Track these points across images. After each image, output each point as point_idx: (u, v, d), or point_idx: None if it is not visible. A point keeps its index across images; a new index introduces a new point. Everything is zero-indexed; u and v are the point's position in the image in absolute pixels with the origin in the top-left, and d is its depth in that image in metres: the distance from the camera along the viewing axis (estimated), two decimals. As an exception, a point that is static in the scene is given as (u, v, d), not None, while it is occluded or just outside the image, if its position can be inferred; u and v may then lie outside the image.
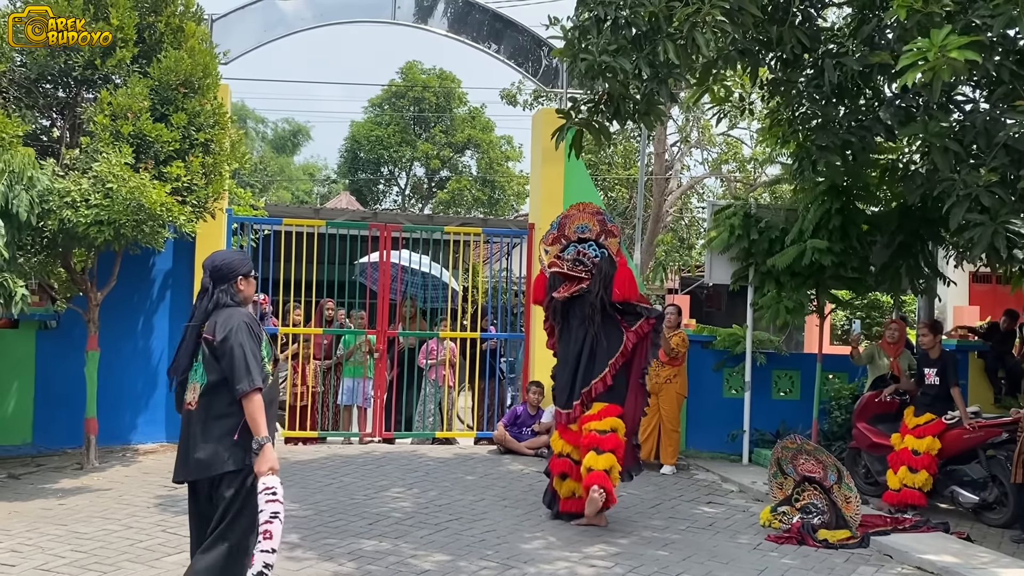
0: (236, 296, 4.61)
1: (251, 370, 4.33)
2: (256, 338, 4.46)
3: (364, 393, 11.10)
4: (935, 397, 8.54)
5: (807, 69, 8.73)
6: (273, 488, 4.29)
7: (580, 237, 7.69)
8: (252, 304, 10.92)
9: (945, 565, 6.62)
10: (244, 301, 4.68)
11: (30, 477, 8.72)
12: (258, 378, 4.34)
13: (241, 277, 4.65)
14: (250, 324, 4.48)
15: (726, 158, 22.39)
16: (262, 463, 4.31)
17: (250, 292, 4.73)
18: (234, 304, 4.57)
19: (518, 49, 12.09)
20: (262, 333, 4.53)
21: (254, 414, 4.32)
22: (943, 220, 8.60)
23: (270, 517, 4.25)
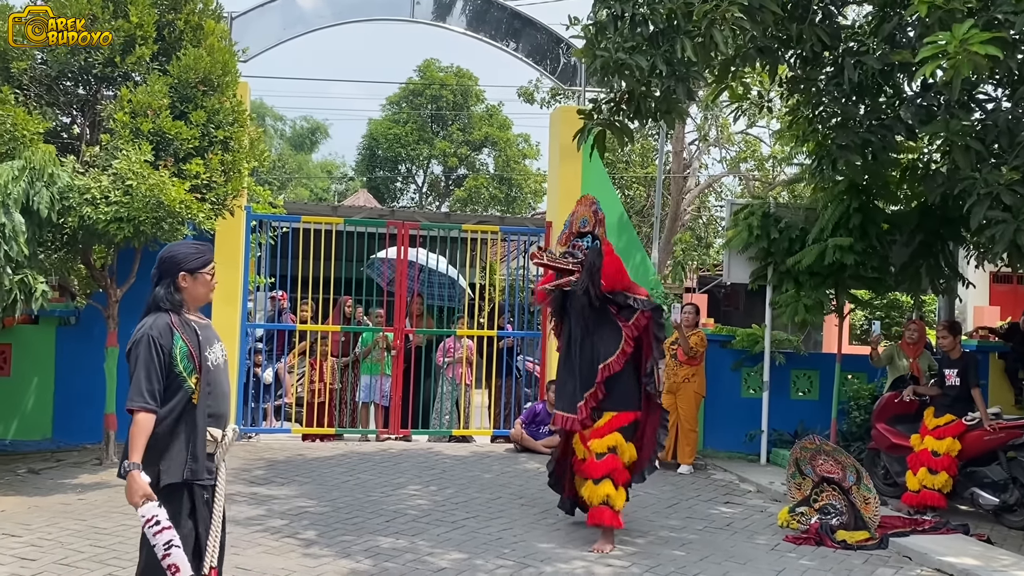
0: (174, 295, 4.17)
1: (135, 388, 3.99)
2: (158, 353, 4.04)
3: (381, 390, 11.13)
4: (955, 398, 8.47)
5: (827, 67, 8.68)
6: (154, 516, 3.91)
7: (580, 231, 7.39)
8: (271, 300, 11.08)
9: (965, 567, 6.57)
10: (189, 301, 4.23)
11: (50, 472, 8.77)
12: (140, 399, 3.97)
13: (184, 273, 4.18)
14: (156, 338, 4.05)
15: (744, 156, 22.27)
16: (130, 492, 3.93)
17: (197, 292, 4.24)
18: (168, 304, 4.15)
19: (536, 47, 12.08)
20: (174, 347, 4.07)
21: (132, 435, 3.96)
22: (964, 219, 8.54)
23: (166, 549, 3.90)
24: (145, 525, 3.95)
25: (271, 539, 6.64)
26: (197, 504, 4.18)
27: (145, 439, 3.99)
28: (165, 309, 4.16)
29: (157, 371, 4.05)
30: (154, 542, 3.93)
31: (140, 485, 3.93)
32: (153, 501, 3.95)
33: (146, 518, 3.93)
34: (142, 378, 4.02)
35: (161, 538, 3.92)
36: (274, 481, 8.55)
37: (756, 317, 14.44)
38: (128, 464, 3.96)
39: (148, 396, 4.01)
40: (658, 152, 20.89)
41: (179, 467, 4.11)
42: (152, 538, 3.93)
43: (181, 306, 4.21)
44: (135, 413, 4.00)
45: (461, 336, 11.35)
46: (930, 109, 8.06)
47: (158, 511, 3.94)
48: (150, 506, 3.95)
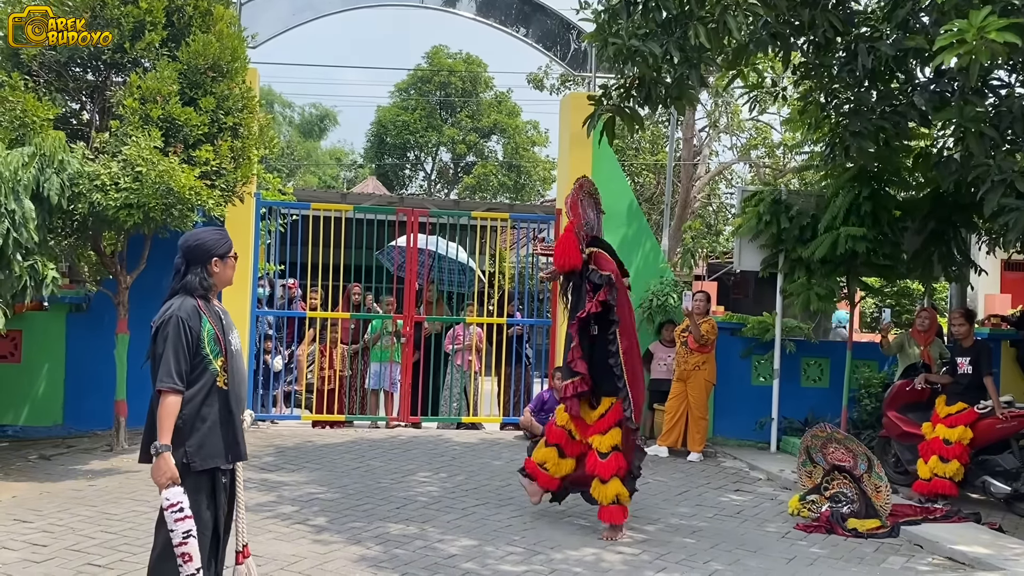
0: (207, 280, 4.28)
1: (164, 369, 4.05)
2: (187, 335, 4.11)
3: (391, 378, 11.13)
4: (967, 386, 8.42)
5: (840, 53, 8.60)
6: (179, 503, 3.99)
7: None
8: (281, 288, 11.08)
9: (976, 556, 6.55)
10: (219, 285, 4.36)
11: (60, 458, 8.80)
12: (170, 379, 4.03)
13: (216, 258, 4.31)
14: (184, 319, 4.13)
15: (755, 143, 22.18)
16: (157, 473, 4.01)
17: (226, 276, 4.39)
18: (202, 290, 4.26)
19: (547, 33, 12.01)
20: (202, 329, 4.16)
21: (161, 416, 4.03)
22: (976, 206, 8.49)
23: (183, 538, 3.98)
24: (168, 509, 4.00)
25: (282, 525, 6.65)
26: (217, 489, 4.25)
27: (173, 420, 4.06)
28: (195, 295, 4.24)
29: (185, 353, 4.12)
30: (173, 528, 3.99)
31: (170, 467, 4.01)
32: (179, 486, 4.02)
33: (171, 502, 4.00)
34: (171, 359, 4.08)
35: (181, 526, 3.98)
36: (284, 467, 8.56)
37: (765, 304, 14.40)
38: (159, 445, 4.02)
39: (176, 377, 4.08)
40: (668, 139, 20.80)
41: (210, 452, 4.17)
42: (172, 524, 3.99)
43: (211, 290, 4.32)
44: (164, 394, 4.05)
45: (470, 323, 11.33)
46: (944, 95, 7.98)
47: (183, 498, 4.01)
48: (176, 491, 4.01)
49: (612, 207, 11.58)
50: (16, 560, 5.68)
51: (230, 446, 4.22)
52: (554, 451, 7.18)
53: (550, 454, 7.18)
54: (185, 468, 4.09)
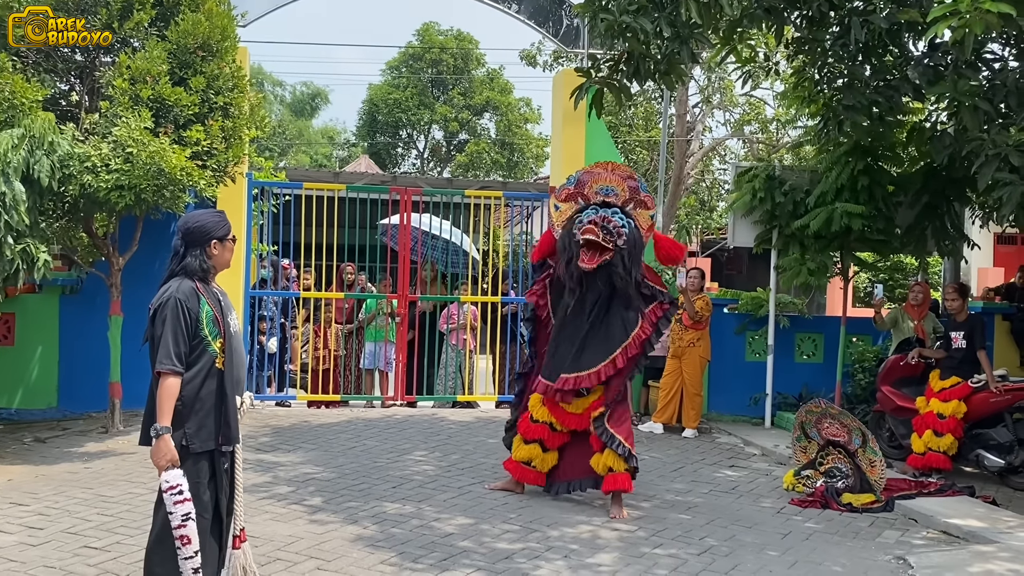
0: (206, 262, 4.26)
1: (163, 351, 4.04)
2: (186, 317, 4.11)
3: (386, 357, 11.13)
4: (961, 360, 8.45)
5: (833, 27, 8.57)
6: (178, 486, 3.99)
7: (604, 200, 6.94)
8: (274, 269, 11.04)
9: (971, 529, 6.59)
10: (217, 267, 4.34)
11: (56, 441, 8.79)
12: (169, 361, 4.03)
13: (215, 241, 4.29)
14: (183, 301, 4.12)
15: (748, 119, 22.14)
16: (157, 455, 4.01)
17: (225, 258, 4.37)
18: (201, 272, 4.24)
19: (539, 9, 11.95)
20: (200, 311, 4.16)
21: (160, 398, 4.03)
22: (969, 180, 8.48)
23: (182, 520, 3.98)
24: (167, 491, 4.00)
25: (278, 506, 6.66)
26: (217, 471, 4.26)
27: (173, 402, 4.06)
28: (194, 277, 4.23)
29: (184, 334, 4.12)
30: (172, 511, 4.00)
31: (170, 449, 4.01)
32: (179, 468, 4.03)
33: (170, 484, 4.00)
34: (169, 341, 4.07)
35: (180, 508, 3.99)
36: (280, 448, 8.56)
37: (759, 280, 14.41)
38: (158, 428, 4.02)
39: (176, 359, 4.07)
40: (661, 115, 20.74)
41: (210, 434, 4.18)
42: (171, 506, 3.99)
43: (210, 272, 4.31)
44: (163, 376, 4.05)
45: (464, 302, 11.32)
46: (937, 69, 7.96)
47: (182, 480, 4.02)
48: (176, 473, 4.02)
49: (606, 184, 11.58)
50: (13, 543, 5.68)
51: (220, 428, 4.21)
52: (537, 447, 7.16)
53: (534, 451, 7.17)
54: (184, 450, 4.09)
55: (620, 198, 7.00)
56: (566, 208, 7.11)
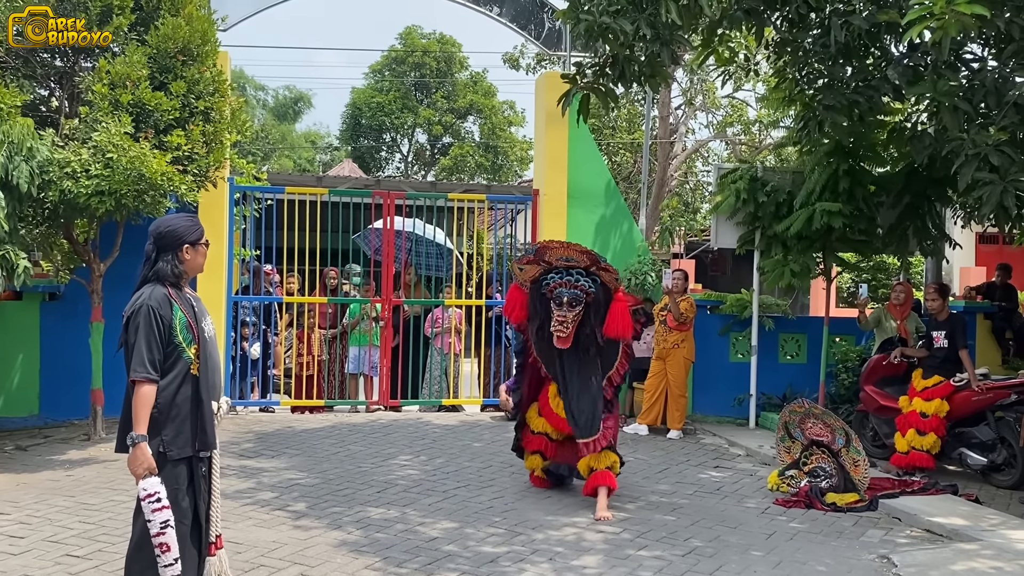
0: (178, 267, 4.22)
1: (136, 359, 4.01)
2: (159, 323, 4.07)
3: (370, 361, 11.10)
4: (943, 359, 8.51)
5: (813, 29, 8.59)
6: (156, 493, 3.97)
7: (567, 265, 7.11)
8: (256, 275, 10.98)
9: (954, 527, 6.61)
10: (189, 272, 4.30)
11: (37, 449, 8.73)
12: (143, 369, 4.00)
13: (187, 245, 4.25)
14: (155, 308, 4.09)
15: (731, 121, 22.19)
16: (134, 464, 3.98)
17: (197, 263, 4.33)
18: (173, 277, 4.20)
19: (521, 11, 11.95)
20: (173, 317, 4.13)
21: (136, 406, 4.00)
22: (950, 180, 8.52)
23: (161, 528, 3.96)
24: (145, 499, 3.98)
25: (261, 512, 6.63)
26: (196, 477, 4.24)
27: (148, 410, 4.04)
28: (167, 283, 4.20)
29: (157, 341, 4.09)
30: (150, 518, 3.98)
31: (147, 457, 3.99)
32: (156, 476, 4.01)
33: (147, 492, 3.98)
34: (143, 348, 4.05)
35: (159, 516, 3.97)
36: (264, 454, 8.52)
37: (743, 281, 14.43)
38: (134, 436, 4.00)
39: (150, 366, 4.05)
40: (644, 118, 20.78)
41: (187, 440, 4.16)
42: (150, 514, 3.97)
43: (182, 278, 4.27)
44: (138, 384, 4.03)
45: (449, 306, 11.30)
46: (917, 69, 7.99)
47: (160, 488, 4.00)
48: (153, 481, 4.00)
49: (589, 187, 11.63)
50: (-7, 553, 5.64)
51: (197, 434, 4.19)
52: (538, 457, 7.49)
53: (536, 461, 7.52)
54: (162, 457, 4.07)
55: (582, 263, 7.13)
56: (530, 270, 7.22)
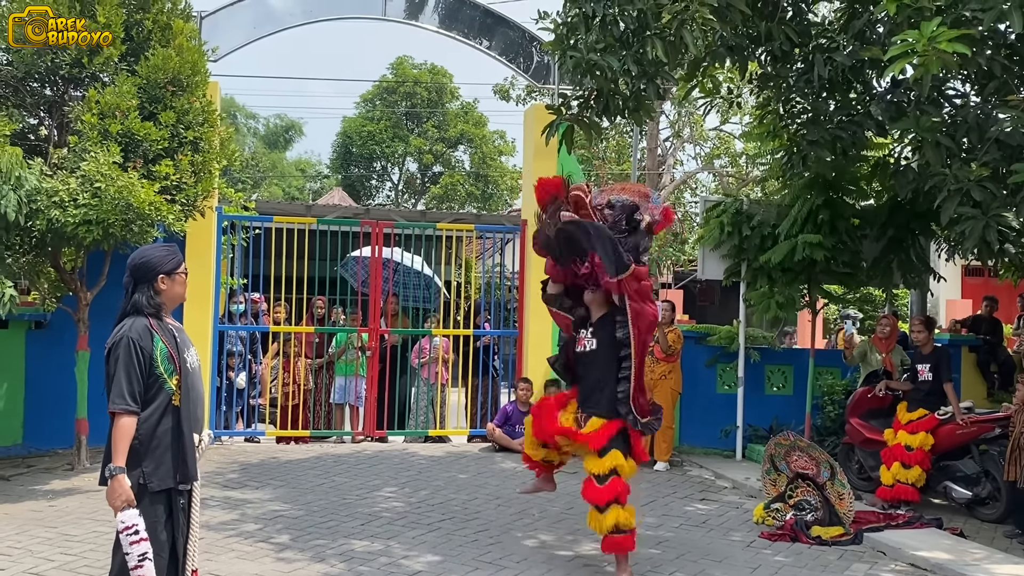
0: (154, 299, 4.19)
1: (116, 391, 4.01)
2: (139, 355, 4.06)
3: (356, 391, 11.07)
4: (928, 393, 8.54)
5: (797, 64, 8.70)
6: (134, 526, 3.94)
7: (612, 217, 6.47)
8: (243, 302, 10.98)
9: (939, 562, 6.61)
10: (168, 303, 4.27)
11: (20, 478, 8.67)
12: (122, 401, 4.00)
13: (163, 276, 4.21)
14: (135, 340, 4.07)
15: (718, 153, 22.37)
16: (112, 496, 3.96)
17: (175, 292, 4.29)
18: (150, 308, 4.17)
19: (510, 45, 12.04)
20: (154, 349, 4.10)
21: (115, 438, 3.99)
22: (934, 214, 8.57)
23: (139, 560, 3.93)
24: (123, 532, 3.96)
25: (244, 544, 6.59)
26: (174, 510, 4.21)
27: (128, 442, 4.02)
28: (145, 314, 4.18)
29: (137, 373, 4.08)
30: (128, 551, 3.95)
31: (124, 490, 3.97)
32: (134, 508, 3.99)
33: (125, 524, 3.96)
34: (123, 380, 4.04)
35: (136, 549, 3.94)
36: (248, 485, 8.48)
37: (731, 312, 14.50)
38: (112, 468, 3.98)
39: (129, 398, 4.04)
40: (633, 149, 20.92)
41: (168, 472, 4.14)
42: (128, 547, 3.95)
43: (161, 308, 4.25)
44: (117, 416, 4.02)
45: (435, 336, 11.31)
46: (900, 105, 8.10)
47: (138, 520, 3.97)
48: (131, 513, 3.97)
49: (576, 218, 11.63)
50: (-28, 585, 5.59)
51: (178, 466, 4.17)
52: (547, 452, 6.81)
53: (542, 452, 6.84)
54: (142, 489, 4.06)
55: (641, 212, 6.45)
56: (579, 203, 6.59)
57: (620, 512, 6.10)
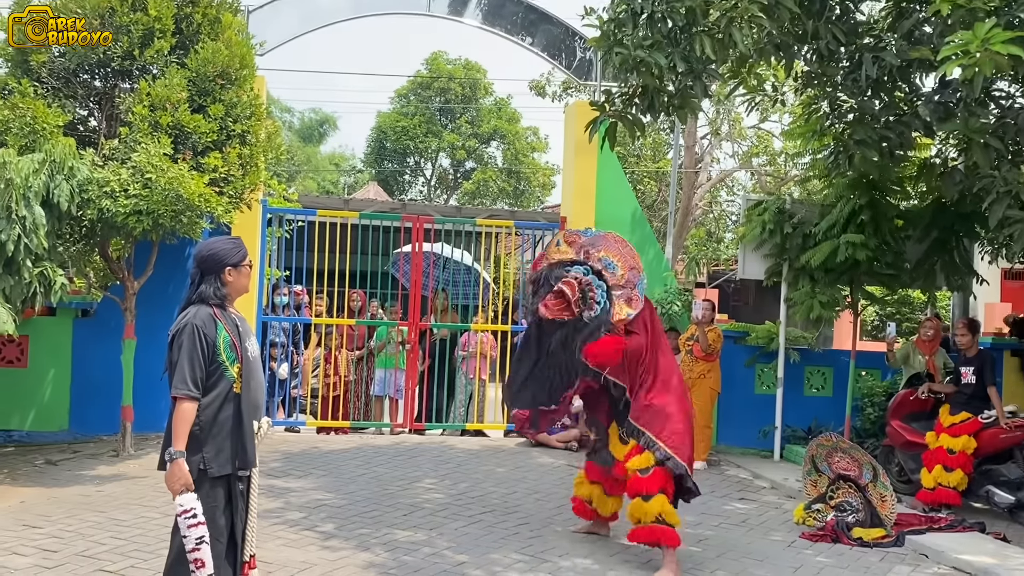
0: (221, 290, 4.31)
1: (179, 376, 4.11)
2: (202, 343, 4.17)
3: (396, 384, 11.16)
4: (971, 396, 8.48)
5: (843, 63, 8.66)
6: (191, 509, 4.03)
7: (601, 271, 6.49)
8: (287, 294, 11.09)
9: (983, 565, 6.58)
10: (233, 294, 4.39)
11: (67, 463, 8.82)
12: (184, 387, 4.10)
13: (230, 268, 4.34)
14: (200, 327, 4.18)
15: (756, 151, 22.26)
16: (171, 479, 4.06)
17: (241, 284, 4.41)
18: (216, 299, 4.29)
19: (552, 41, 12.07)
20: (217, 337, 4.22)
21: (175, 422, 4.09)
22: (979, 215, 8.54)
23: (196, 544, 4.02)
24: (181, 515, 4.04)
25: (290, 532, 6.68)
26: (234, 495, 4.29)
27: (188, 427, 4.11)
28: (212, 304, 4.28)
29: (200, 360, 4.18)
30: (186, 534, 4.04)
31: (184, 474, 4.06)
32: (192, 492, 4.07)
33: (184, 508, 4.04)
34: (185, 366, 4.14)
35: (194, 532, 4.02)
36: (291, 474, 8.58)
37: (765, 312, 14.43)
38: (172, 451, 4.07)
39: (192, 384, 4.13)
40: (670, 147, 20.88)
41: (227, 458, 4.23)
42: (185, 530, 4.04)
43: (226, 299, 4.36)
44: (179, 401, 4.12)
45: (477, 331, 11.37)
46: (947, 106, 8.04)
47: (195, 504, 4.05)
48: (189, 497, 4.06)
49: (616, 215, 11.69)
50: (28, 566, 5.70)
51: (238, 452, 4.26)
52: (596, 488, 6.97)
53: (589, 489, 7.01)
54: (202, 474, 4.14)
55: (615, 279, 6.49)
56: (565, 250, 6.66)
57: (666, 503, 6.15)
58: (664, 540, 6.12)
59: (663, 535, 6.11)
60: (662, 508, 6.13)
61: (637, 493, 6.22)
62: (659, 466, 6.20)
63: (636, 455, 6.29)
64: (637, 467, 6.26)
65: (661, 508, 6.13)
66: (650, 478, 6.18)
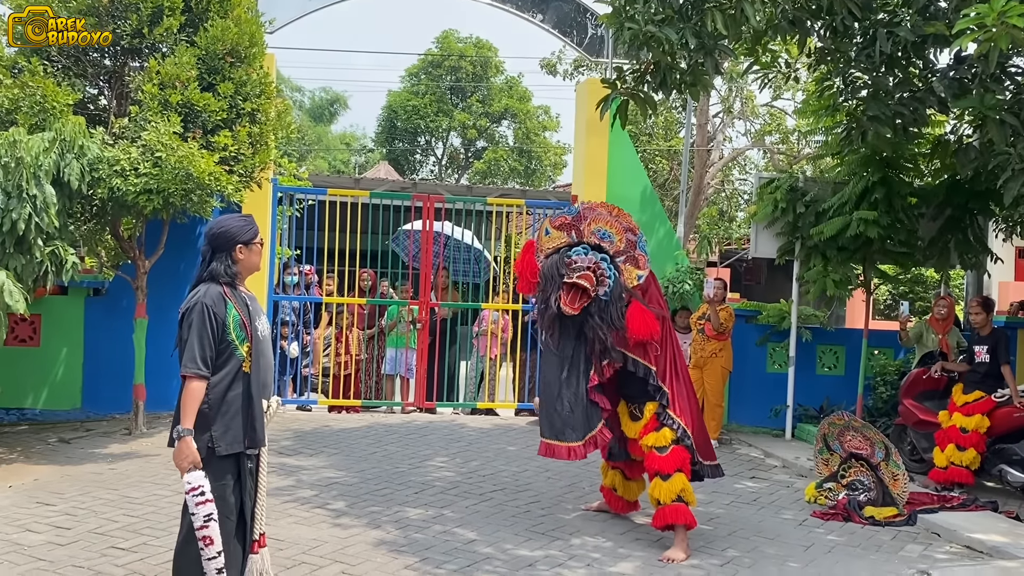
0: (232, 267, 4.30)
1: (188, 355, 4.10)
2: (212, 321, 4.15)
3: (406, 363, 11.18)
4: (985, 375, 8.42)
5: (857, 38, 8.56)
6: (200, 487, 4.04)
7: (599, 243, 6.32)
8: (297, 274, 11.11)
9: (995, 544, 6.56)
10: (244, 272, 4.38)
11: (80, 442, 8.86)
12: (194, 365, 4.09)
13: (241, 245, 4.32)
14: (210, 306, 4.17)
15: (769, 129, 22.12)
16: (179, 457, 4.06)
17: (251, 261, 4.40)
18: (227, 277, 4.28)
19: (563, 18, 11.99)
20: (227, 315, 4.20)
21: (184, 400, 4.10)
22: (993, 193, 8.45)
23: (204, 521, 4.03)
24: (189, 493, 4.05)
25: (301, 509, 6.70)
26: (243, 474, 4.29)
27: (196, 405, 4.11)
28: (221, 282, 4.27)
29: (210, 339, 4.17)
30: (194, 512, 4.04)
31: (192, 451, 4.06)
32: (200, 470, 4.07)
33: (192, 486, 4.04)
34: (195, 345, 4.13)
35: (203, 509, 4.03)
36: (302, 452, 8.61)
37: (777, 291, 14.37)
38: (180, 429, 4.07)
39: (201, 363, 4.13)
40: (682, 125, 20.76)
41: (236, 437, 4.22)
42: (194, 507, 4.04)
43: (236, 277, 4.34)
44: (188, 379, 4.11)
45: (488, 309, 11.35)
46: (963, 82, 7.94)
47: (203, 481, 4.06)
48: (197, 474, 4.06)
49: (628, 193, 11.64)
50: (41, 543, 5.74)
51: (247, 431, 4.26)
52: (618, 474, 6.97)
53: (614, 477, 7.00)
54: (211, 453, 4.14)
55: (614, 247, 6.34)
56: (556, 236, 6.44)
57: (685, 481, 6.17)
58: (682, 520, 6.12)
59: (685, 514, 6.13)
60: (683, 486, 6.14)
61: (656, 472, 6.21)
62: (677, 444, 6.23)
63: (652, 431, 6.28)
64: (654, 444, 6.25)
65: (683, 485, 6.14)
66: (668, 456, 6.19)
